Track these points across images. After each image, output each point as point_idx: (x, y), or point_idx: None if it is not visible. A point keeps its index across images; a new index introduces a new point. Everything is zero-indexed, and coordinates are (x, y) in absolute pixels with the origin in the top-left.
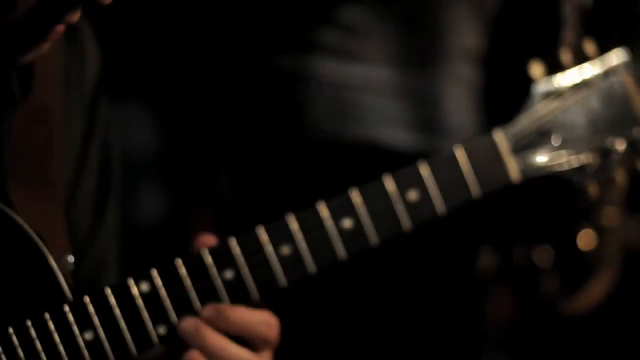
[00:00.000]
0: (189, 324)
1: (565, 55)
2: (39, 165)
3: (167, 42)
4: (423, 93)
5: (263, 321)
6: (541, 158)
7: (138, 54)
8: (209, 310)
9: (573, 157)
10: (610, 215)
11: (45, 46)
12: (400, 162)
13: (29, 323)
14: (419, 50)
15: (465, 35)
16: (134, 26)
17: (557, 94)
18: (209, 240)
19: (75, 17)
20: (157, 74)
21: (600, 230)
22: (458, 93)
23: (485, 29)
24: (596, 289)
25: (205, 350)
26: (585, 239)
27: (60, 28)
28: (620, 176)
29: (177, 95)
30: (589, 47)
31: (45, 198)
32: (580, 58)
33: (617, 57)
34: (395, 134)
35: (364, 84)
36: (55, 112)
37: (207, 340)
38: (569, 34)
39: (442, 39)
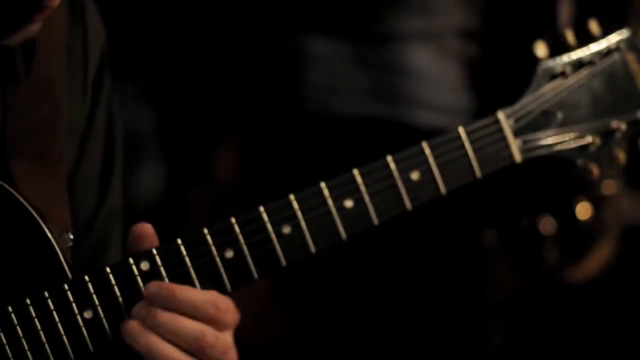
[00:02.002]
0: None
1: (569, 35)
2: (42, 140)
3: (166, 20)
4: (405, 69)
5: (210, 301)
6: (544, 138)
7: (136, 33)
8: (152, 286)
9: (576, 137)
10: (609, 185)
11: (34, 27)
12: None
13: (28, 301)
14: (403, 27)
15: (453, 13)
16: (133, 5)
17: (560, 74)
18: (145, 229)
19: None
20: (155, 53)
21: (599, 201)
22: (447, 69)
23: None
24: (596, 259)
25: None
26: (584, 209)
27: (47, 10)
28: (622, 155)
29: (175, 74)
30: (593, 26)
31: (48, 173)
32: (584, 38)
33: (620, 37)
34: (372, 107)
35: (348, 57)
36: (59, 87)
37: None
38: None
39: (430, 16)
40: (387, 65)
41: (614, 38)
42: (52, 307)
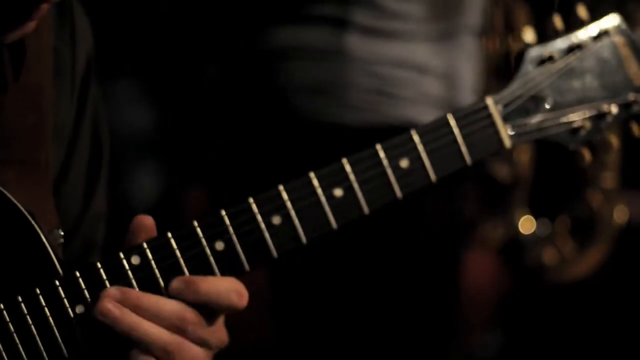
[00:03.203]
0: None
1: (557, 21)
2: (28, 147)
3: (160, 21)
4: (447, 70)
5: (233, 289)
6: (534, 123)
7: (130, 33)
8: (178, 282)
9: (566, 122)
10: (609, 178)
11: (31, 25)
12: None
13: (19, 298)
14: (441, 28)
15: (473, 12)
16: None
17: (549, 58)
18: (145, 221)
19: None
20: (151, 53)
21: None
22: (470, 70)
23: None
24: (588, 261)
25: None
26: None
27: (45, 6)
28: (615, 140)
29: (168, 74)
30: (581, 11)
31: (34, 180)
32: (573, 23)
33: (609, 21)
34: (426, 112)
35: (399, 60)
36: (46, 93)
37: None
38: None
39: (458, 16)
40: (434, 68)
41: (602, 23)
42: (43, 303)
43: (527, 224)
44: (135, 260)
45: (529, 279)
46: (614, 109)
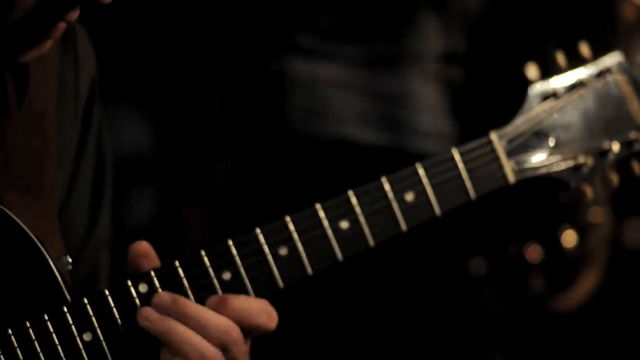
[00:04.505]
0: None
1: (560, 58)
2: (32, 173)
3: (157, 44)
4: (389, 91)
5: (264, 310)
6: (537, 159)
7: (128, 55)
8: (213, 298)
9: (569, 159)
10: (596, 213)
11: (47, 44)
12: (368, 158)
13: (28, 324)
14: (385, 51)
15: (432, 37)
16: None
17: (552, 95)
18: (142, 247)
19: (75, 15)
20: (147, 75)
21: (585, 228)
22: (428, 93)
23: (461, 31)
24: (583, 287)
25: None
26: (570, 237)
27: (62, 26)
28: (615, 177)
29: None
30: (584, 49)
31: (38, 205)
32: (576, 60)
33: (611, 59)
34: (362, 130)
35: (333, 81)
36: (50, 119)
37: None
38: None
39: (408, 41)
40: (373, 89)
41: (605, 60)
42: (51, 329)
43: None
44: (143, 288)
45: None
46: (616, 147)
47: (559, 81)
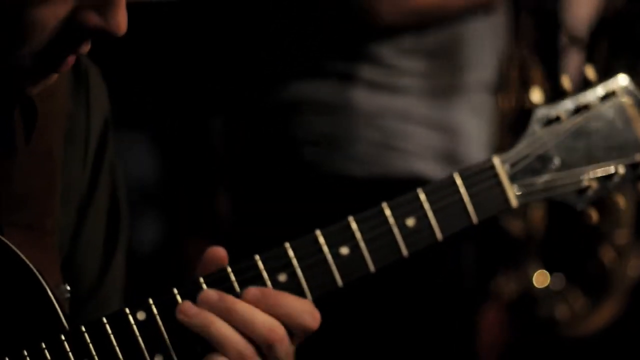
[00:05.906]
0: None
1: (565, 81)
2: (35, 212)
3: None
4: (448, 124)
5: (307, 310)
6: (541, 183)
7: (136, 85)
8: (254, 290)
9: (573, 182)
10: (622, 234)
11: (54, 77)
12: None
13: (25, 352)
14: (445, 83)
15: (484, 68)
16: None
17: (556, 119)
18: (218, 252)
19: (87, 48)
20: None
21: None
22: (478, 125)
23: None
24: (600, 316)
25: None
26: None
27: (72, 59)
28: (622, 200)
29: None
30: (589, 72)
31: (41, 244)
32: (581, 84)
33: (617, 82)
34: (430, 165)
35: (404, 114)
36: (56, 158)
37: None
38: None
39: (465, 73)
40: (437, 122)
41: (610, 83)
42: (49, 358)
43: (540, 278)
44: (141, 315)
45: (541, 333)
46: (621, 170)
47: (564, 105)
